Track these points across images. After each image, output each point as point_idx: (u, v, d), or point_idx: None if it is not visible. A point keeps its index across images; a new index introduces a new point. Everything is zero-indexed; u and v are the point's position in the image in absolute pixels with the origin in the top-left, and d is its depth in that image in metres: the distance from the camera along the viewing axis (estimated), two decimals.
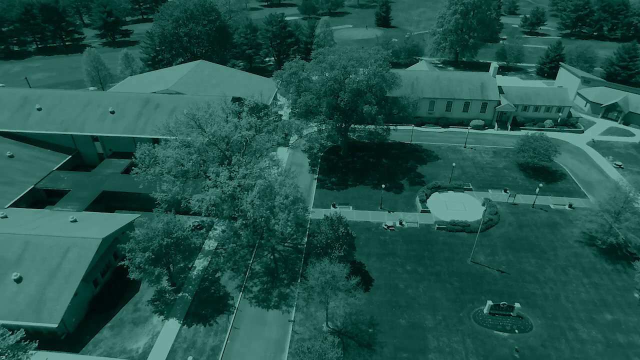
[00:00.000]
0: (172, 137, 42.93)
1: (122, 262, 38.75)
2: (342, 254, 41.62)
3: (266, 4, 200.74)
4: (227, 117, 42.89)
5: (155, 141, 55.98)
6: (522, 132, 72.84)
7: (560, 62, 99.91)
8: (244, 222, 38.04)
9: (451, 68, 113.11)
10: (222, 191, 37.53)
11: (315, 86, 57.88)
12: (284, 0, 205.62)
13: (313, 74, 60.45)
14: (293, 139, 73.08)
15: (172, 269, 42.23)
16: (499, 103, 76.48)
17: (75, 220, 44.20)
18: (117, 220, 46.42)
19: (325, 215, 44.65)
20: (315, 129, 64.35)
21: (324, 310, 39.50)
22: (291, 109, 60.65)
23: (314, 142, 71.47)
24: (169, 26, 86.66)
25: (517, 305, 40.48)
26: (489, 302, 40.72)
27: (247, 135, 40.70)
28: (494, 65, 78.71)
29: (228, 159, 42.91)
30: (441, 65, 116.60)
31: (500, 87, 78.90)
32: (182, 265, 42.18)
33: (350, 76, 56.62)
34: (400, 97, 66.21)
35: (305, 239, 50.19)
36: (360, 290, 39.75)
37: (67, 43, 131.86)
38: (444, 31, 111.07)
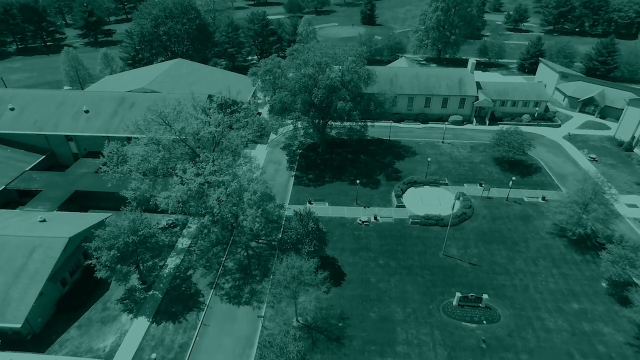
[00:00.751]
0: (142, 136, 42.63)
1: (90, 261, 38.52)
2: (312, 249, 41.75)
3: (253, 3, 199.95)
4: (197, 114, 42.74)
5: (130, 140, 55.57)
6: (501, 127, 73.41)
7: (539, 58, 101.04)
8: (210, 218, 37.99)
9: (434, 65, 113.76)
10: (189, 188, 37.43)
11: (289, 83, 57.90)
12: None
13: (288, 71, 60.46)
14: (272, 136, 73.26)
15: (141, 267, 42.04)
16: (477, 98, 77.10)
17: (44, 220, 43.77)
18: (87, 219, 45.99)
19: (294, 211, 44.78)
20: (292, 126, 64.21)
21: (294, 305, 39.56)
22: (268, 106, 60.54)
23: (293, 139, 71.47)
24: (147, 25, 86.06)
25: (485, 296, 40.92)
26: (458, 294, 41.11)
27: (214, 131, 40.62)
28: (472, 61, 79.35)
29: (199, 156, 42.79)
30: (424, 62, 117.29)
31: (478, 83, 79.56)
32: (150, 263, 41.95)
33: (326, 72, 56.64)
34: (377, 94, 66.47)
35: (280, 236, 50.19)
36: (329, 284, 39.94)
37: (48, 43, 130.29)
38: (426, 28, 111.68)
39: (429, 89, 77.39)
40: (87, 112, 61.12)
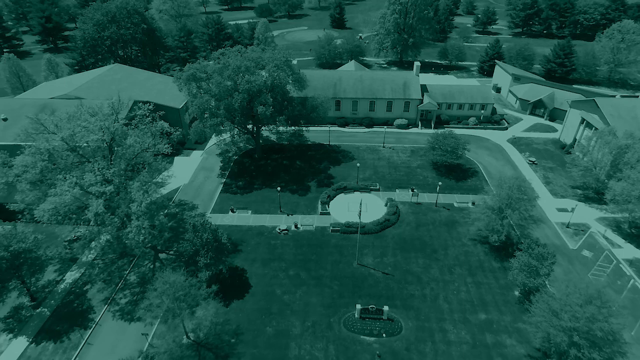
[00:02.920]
0: (30, 144, 40.60)
1: None
2: (208, 261, 39.84)
3: (226, 7, 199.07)
4: (88, 119, 40.71)
5: None
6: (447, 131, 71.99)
7: (495, 60, 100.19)
8: (87, 230, 36.03)
9: (395, 68, 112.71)
10: (62, 200, 35.42)
11: (212, 87, 56.20)
12: (245, 4, 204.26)
13: (213, 75, 58.64)
14: (210, 142, 71.55)
15: (28, 282, 39.81)
16: (421, 101, 75.83)
17: None
18: None
19: (189, 222, 42.91)
20: (215, 134, 62.36)
21: (183, 321, 37.51)
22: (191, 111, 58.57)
23: (230, 145, 69.56)
24: (90, 29, 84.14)
25: (385, 308, 39.14)
26: (358, 306, 39.32)
27: (99, 139, 38.71)
28: (417, 64, 78.11)
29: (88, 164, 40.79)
30: (385, 65, 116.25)
31: (424, 86, 78.36)
32: (33, 279, 39.66)
33: (245, 76, 54.96)
34: (310, 97, 64.94)
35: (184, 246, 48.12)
36: (212, 299, 38.05)
37: (4, 50, 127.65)
38: (386, 31, 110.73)
39: (372, 93, 75.99)
40: (5, 120, 58.94)
